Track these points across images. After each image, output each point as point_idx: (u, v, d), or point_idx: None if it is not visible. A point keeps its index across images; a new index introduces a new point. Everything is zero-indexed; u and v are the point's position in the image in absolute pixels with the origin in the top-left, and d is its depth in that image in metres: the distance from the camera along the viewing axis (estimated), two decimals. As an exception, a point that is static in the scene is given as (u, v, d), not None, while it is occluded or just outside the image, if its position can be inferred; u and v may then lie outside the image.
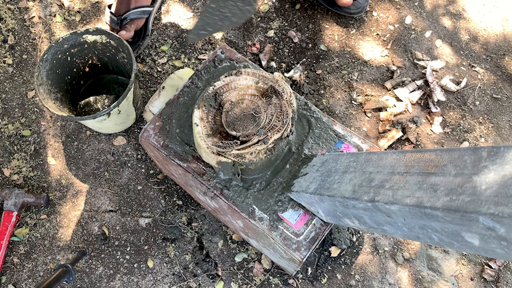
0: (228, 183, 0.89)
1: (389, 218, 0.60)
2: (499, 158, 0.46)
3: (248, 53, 1.44)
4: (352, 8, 1.44)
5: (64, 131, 1.33)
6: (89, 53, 1.26)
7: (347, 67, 1.44)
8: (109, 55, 1.26)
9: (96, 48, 1.24)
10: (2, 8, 1.45)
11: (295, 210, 0.87)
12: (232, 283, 1.20)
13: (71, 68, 1.26)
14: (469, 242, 0.49)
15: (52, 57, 1.18)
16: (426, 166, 0.56)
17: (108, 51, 1.25)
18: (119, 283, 1.20)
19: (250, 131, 0.83)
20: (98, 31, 1.19)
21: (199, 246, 1.24)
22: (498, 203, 0.43)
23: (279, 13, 1.50)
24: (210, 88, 0.88)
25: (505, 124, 1.40)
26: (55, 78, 1.21)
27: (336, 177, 0.73)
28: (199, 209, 1.27)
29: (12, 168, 1.29)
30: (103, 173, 1.30)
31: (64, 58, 1.22)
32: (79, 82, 1.32)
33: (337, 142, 0.93)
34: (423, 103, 1.40)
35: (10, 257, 1.22)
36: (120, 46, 1.19)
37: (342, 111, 1.38)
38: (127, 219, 1.26)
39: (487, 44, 1.49)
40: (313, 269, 1.21)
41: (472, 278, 1.23)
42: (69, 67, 1.25)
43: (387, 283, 1.21)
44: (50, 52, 1.17)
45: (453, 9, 1.54)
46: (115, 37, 1.19)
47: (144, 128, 0.95)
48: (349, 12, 1.45)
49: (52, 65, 1.19)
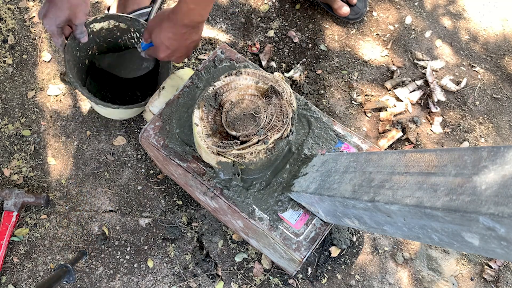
0: (228, 183, 0.89)
1: (389, 218, 0.60)
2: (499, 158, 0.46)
3: (248, 53, 1.44)
4: (351, 14, 1.44)
5: (64, 131, 1.33)
6: (91, 43, 1.23)
7: (347, 67, 1.44)
8: (110, 39, 1.23)
9: (99, 35, 1.20)
10: (2, 8, 1.45)
11: (295, 210, 0.87)
12: (232, 283, 1.20)
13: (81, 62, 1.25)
14: (469, 242, 0.49)
15: (72, 52, 1.15)
16: (426, 166, 0.56)
17: (111, 36, 1.21)
18: (119, 283, 1.20)
19: (250, 131, 0.83)
20: (107, 17, 1.16)
21: (199, 246, 1.24)
22: (498, 203, 0.43)
23: (279, 13, 1.50)
24: (210, 88, 0.88)
25: (505, 124, 1.40)
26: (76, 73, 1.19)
27: (336, 177, 0.73)
28: (199, 209, 1.27)
29: (12, 168, 1.29)
30: (103, 173, 1.30)
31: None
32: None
33: (337, 142, 0.93)
34: (423, 103, 1.40)
35: (10, 257, 1.22)
36: (132, 25, 1.17)
37: (342, 111, 1.38)
38: (127, 219, 1.26)
39: (487, 44, 1.49)
40: (313, 269, 1.21)
41: (472, 278, 1.23)
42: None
43: (387, 283, 1.21)
44: (69, 51, 1.13)
45: (453, 9, 1.54)
46: (126, 18, 1.16)
47: (144, 128, 0.95)
48: (348, 18, 1.45)
49: (74, 60, 1.16)
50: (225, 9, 1.50)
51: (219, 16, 1.49)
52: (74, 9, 0.98)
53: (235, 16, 1.49)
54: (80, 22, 1.03)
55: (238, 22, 1.48)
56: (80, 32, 1.06)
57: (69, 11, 0.97)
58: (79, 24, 1.03)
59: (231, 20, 1.48)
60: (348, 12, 1.42)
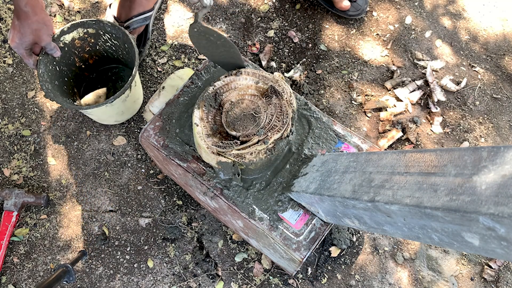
0: (228, 183, 0.89)
1: (389, 218, 0.60)
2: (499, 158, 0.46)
3: (248, 53, 1.44)
4: (351, 10, 1.44)
5: (64, 131, 1.33)
6: (70, 56, 1.23)
7: (347, 67, 1.44)
8: (89, 48, 1.25)
9: (74, 47, 1.22)
10: (2, 8, 1.45)
11: (295, 210, 0.87)
12: (232, 283, 1.20)
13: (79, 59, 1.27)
14: (469, 242, 0.49)
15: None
16: (426, 166, 0.56)
17: (87, 43, 1.23)
18: (119, 283, 1.20)
19: (250, 131, 0.83)
20: (73, 26, 1.17)
21: (199, 246, 1.24)
22: (498, 203, 0.43)
23: (279, 13, 1.50)
24: (210, 88, 0.88)
25: (505, 124, 1.40)
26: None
27: (336, 177, 0.73)
28: (199, 209, 1.27)
29: (12, 168, 1.29)
30: (103, 173, 1.30)
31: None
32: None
33: (337, 142, 0.93)
34: (423, 103, 1.40)
35: (10, 257, 1.22)
36: (98, 27, 1.18)
37: (342, 111, 1.38)
38: (127, 219, 1.26)
39: (487, 44, 1.49)
40: (313, 269, 1.21)
41: (472, 278, 1.23)
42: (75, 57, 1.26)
43: (387, 283, 1.21)
44: (42, 67, 1.16)
45: (453, 9, 1.54)
46: (91, 22, 1.17)
47: (144, 128, 0.95)
48: (348, 14, 1.45)
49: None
50: (225, 9, 1.50)
51: (219, 16, 1.49)
52: (37, 33, 1.03)
53: (235, 16, 1.49)
54: (46, 43, 1.08)
55: (238, 22, 1.48)
56: (50, 50, 1.11)
57: (32, 35, 1.03)
58: (45, 45, 1.08)
59: (231, 20, 1.48)
60: (349, 6, 1.42)
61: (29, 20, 1.00)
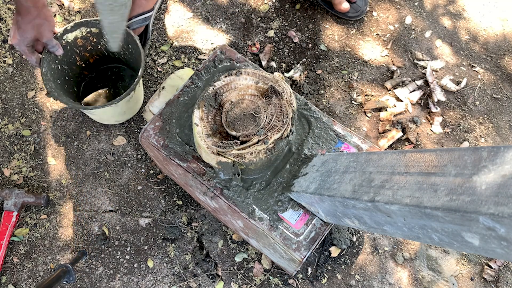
0: (228, 183, 0.89)
1: (389, 218, 0.60)
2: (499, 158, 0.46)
3: (248, 53, 1.44)
4: (351, 12, 1.44)
5: (64, 131, 1.33)
6: (72, 55, 1.24)
7: (347, 67, 1.44)
8: (90, 47, 1.25)
9: (76, 46, 1.22)
10: (2, 8, 1.45)
11: (295, 210, 0.87)
12: (232, 283, 1.20)
13: (79, 59, 1.27)
14: (469, 242, 0.49)
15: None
16: (426, 166, 0.56)
17: (89, 43, 1.23)
18: (119, 283, 1.20)
19: (250, 131, 0.83)
20: (76, 25, 1.17)
21: (199, 246, 1.24)
22: (498, 203, 0.43)
23: (279, 13, 1.50)
24: (210, 88, 0.88)
25: (505, 124, 1.40)
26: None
27: (336, 177, 0.73)
28: (199, 209, 1.27)
29: (12, 168, 1.29)
30: (103, 173, 1.30)
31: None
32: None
33: (337, 142, 0.93)
34: (423, 103, 1.40)
35: (10, 257, 1.22)
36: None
37: (342, 111, 1.38)
38: (127, 219, 1.26)
39: (487, 44, 1.49)
40: (313, 269, 1.21)
41: (472, 278, 1.23)
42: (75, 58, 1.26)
43: (387, 283, 1.21)
44: (45, 65, 1.16)
45: (453, 9, 1.54)
46: (95, 22, 1.18)
47: (144, 128, 0.95)
48: (348, 16, 1.45)
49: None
50: (225, 9, 1.50)
51: (219, 16, 1.49)
52: (38, 29, 1.03)
53: (235, 16, 1.49)
54: (47, 39, 1.07)
55: (238, 22, 1.48)
56: (52, 47, 1.10)
57: (34, 31, 1.02)
58: (46, 41, 1.07)
59: (231, 20, 1.48)
60: (348, 8, 1.42)
61: (30, 16, 0.99)
